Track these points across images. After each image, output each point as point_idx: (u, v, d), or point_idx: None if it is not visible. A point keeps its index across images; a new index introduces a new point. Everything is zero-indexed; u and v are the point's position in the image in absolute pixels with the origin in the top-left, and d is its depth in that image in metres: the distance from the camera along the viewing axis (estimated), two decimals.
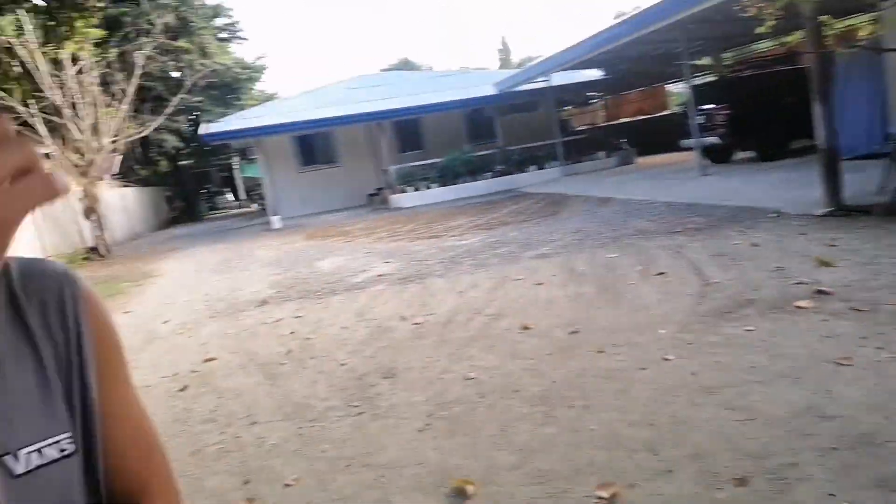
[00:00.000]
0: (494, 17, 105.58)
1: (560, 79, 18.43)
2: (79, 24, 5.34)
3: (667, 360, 3.89)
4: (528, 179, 18.33)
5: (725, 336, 4.16)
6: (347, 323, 6.27)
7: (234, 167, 36.35)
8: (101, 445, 0.75)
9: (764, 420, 2.97)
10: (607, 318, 4.96)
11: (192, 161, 29.52)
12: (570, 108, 24.15)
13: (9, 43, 10.25)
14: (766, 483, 2.47)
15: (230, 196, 41.90)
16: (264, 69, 28.16)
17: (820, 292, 4.70)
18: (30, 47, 11.24)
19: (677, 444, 2.86)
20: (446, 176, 18.32)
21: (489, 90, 19.19)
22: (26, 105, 12.14)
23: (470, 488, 2.70)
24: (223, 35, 24.04)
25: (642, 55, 16.24)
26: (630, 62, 17.42)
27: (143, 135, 14.58)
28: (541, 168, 18.83)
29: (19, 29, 11.55)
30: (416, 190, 18.07)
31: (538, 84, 18.41)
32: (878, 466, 2.48)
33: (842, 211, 7.25)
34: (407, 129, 20.71)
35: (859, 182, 7.78)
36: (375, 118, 18.75)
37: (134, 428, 0.81)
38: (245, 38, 34.04)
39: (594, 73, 19.79)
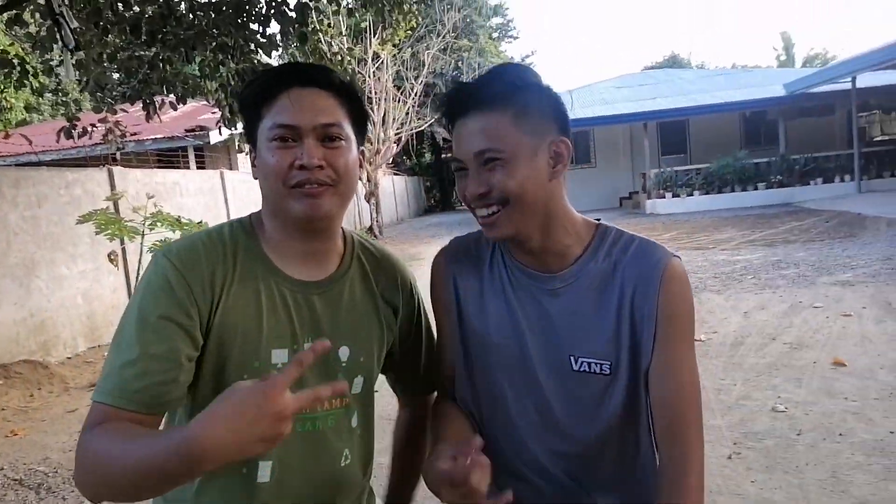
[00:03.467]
0: (770, 11, 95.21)
1: (868, 80, 15.96)
2: (401, 23, 5.95)
3: None
4: (812, 194, 16.24)
5: None
6: None
7: None
8: (651, 390, 1.01)
9: None
10: None
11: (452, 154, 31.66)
12: (875, 113, 20.75)
13: (329, 43, 11.93)
14: None
15: None
16: (532, 66, 28.98)
17: None
18: (343, 46, 12.95)
19: None
20: (712, 183, 17.02)
21: (773, 91, 17.34)
22: None
23: None
24: (495, 34, 25.19)
25: None
26: None
27: (421, 128, 15.94)
28: (828, 181, 16.55)
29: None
30: (676, 196, 17.11)
31: (839, 85, 16.14)
32: None
33: None
34: (671, 130, 19.67)
35: None
36: (639, 119, 18.08)
37: (676, 384, 0.99)
38: (516, 37, 35.19)
39: None
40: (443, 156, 27.31)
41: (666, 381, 0.99)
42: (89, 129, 5.61)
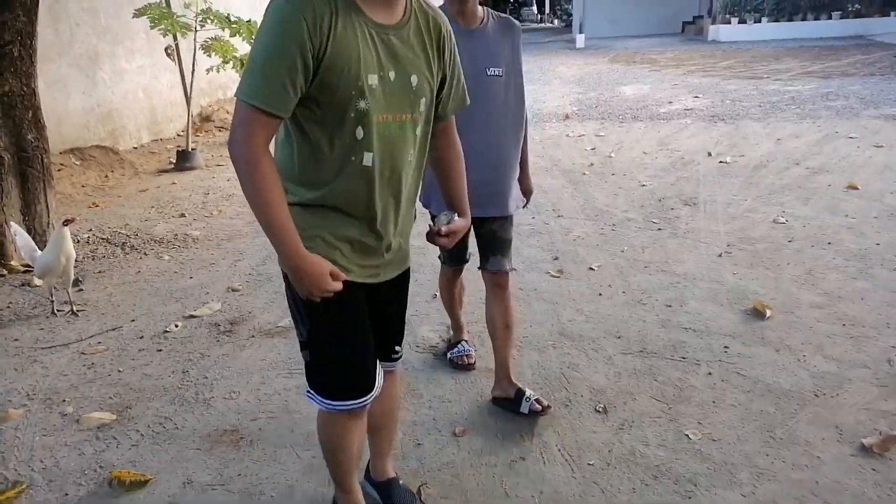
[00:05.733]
0: None
1: None
2: None
3: None
4: (890, 26, 14.98)
5: None
6: (648, 149, 6.35)
7: None
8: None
9: None
10: None
11: None
12: None
13: None
14: None
15: (535, 9, 41.45)
16: None
17: None
18: None
19: None
20: (783, 10, 15.83)
21: None
22: None
23: (768, 312, 2.87)
24: None
25: None
26: None
27: None
28: None
29: None
30: (742, 22, 16.04)
31: None
32: None
33: None
34: None
35: None
36: None
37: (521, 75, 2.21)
38: None
39: None
40: None
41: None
42: None
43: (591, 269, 3.54)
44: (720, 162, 5.63)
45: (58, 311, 3.25)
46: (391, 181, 1.38)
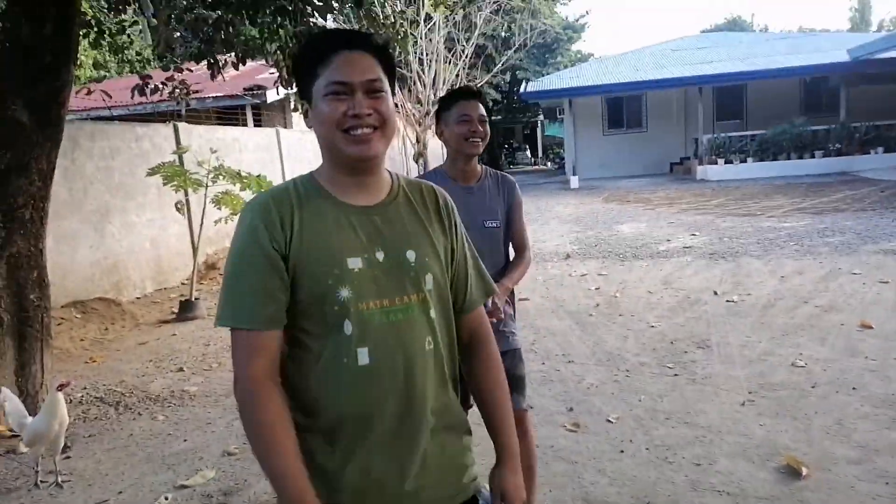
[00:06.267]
0: None
1: None
2: None
3: None
4: (871, 163, 15.69)
5: None
6: (653, 288, 6.33)
7: (537, 126, 37.74)
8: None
9: None
10: None
11: (500, 116, 31.45)
12: None
13: (382, 5, 12.13)
14: None
15: (528, 153, 43.70)
16: (585, 28, 28.30)
17: None
18: (395, 9, 13.12)
19: None
20: (767, 150, 16.59)
21: (837, 56, 16.65)
22: None
23: (804, 470, 2.67)
24: None
25: None
26: None
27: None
28: (889, 151, 15.92)
29: None
30: (728, 163, 16.77)
31: None
32: None
33: None
34: (728, 95, 19.13)
35: None
36: (694, 83, 17.63)
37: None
38: None
39: None
40: (491, 117, 27.31)
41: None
42: (159, 86, 6.03)
43: (609, 421, 3.36)
44: (728, 301, 5.58)
45: (41, 482, 3.03)
46: (403, 383, 1.16)
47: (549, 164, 37.13)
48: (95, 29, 5.70)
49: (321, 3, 4.78)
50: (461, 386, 1.32)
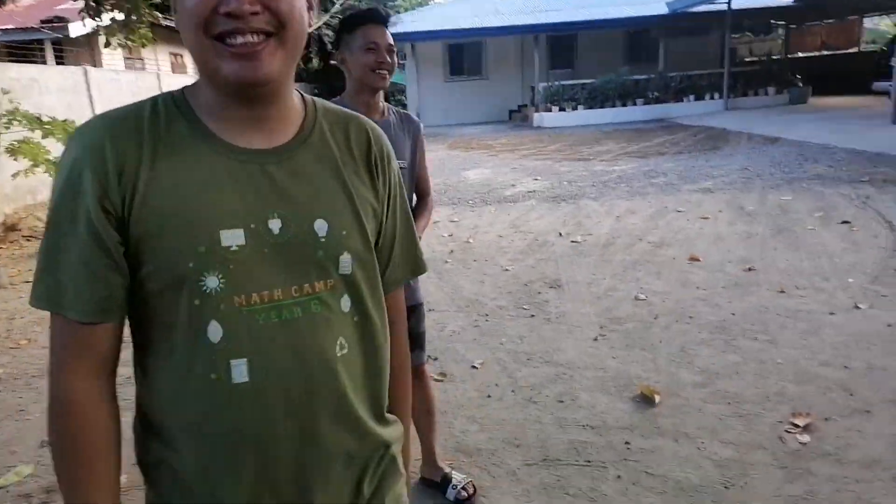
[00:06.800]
0: None
1: (742, 2, 16.81)
2: None
3: (858, 308, 3.74)
4: (685, 110, 17.27)
5: None
6: (504, 232, 6.46)
7: None
8: None
9: None
10: (785, 260, 4.77)
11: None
12: (745, 34, 21.99)
13: None
14: None
15: None
16: None
17: None
18: None
19: (875, 389, 2.81)
20: (595, 98, 17.63)
21: (657, 9, 17.91)
22: None
23: (657, 397, 2.82)
24: None
25: None
26: None
27: (308, 31, 15.18)
28: (700, 99, 17.64)
29: None
30: (562, 110, 17.61)
31: (716, 6, 16.92)
32: None
33: None
34: (560, 45, 19.93)
35: None
36: (531, 31, 18.15)
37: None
38: None
39: None
40: (331, 61, 26.22)
41: None
42: None
43: (475, 367, 3.34)
44: (572, 241, 5.83)
45: None
46: (302, 407, 0.83)
47: None
48: None
49: None
50: None
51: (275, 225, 0.82)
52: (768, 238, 5.41)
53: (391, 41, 1.93)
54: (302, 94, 0.93)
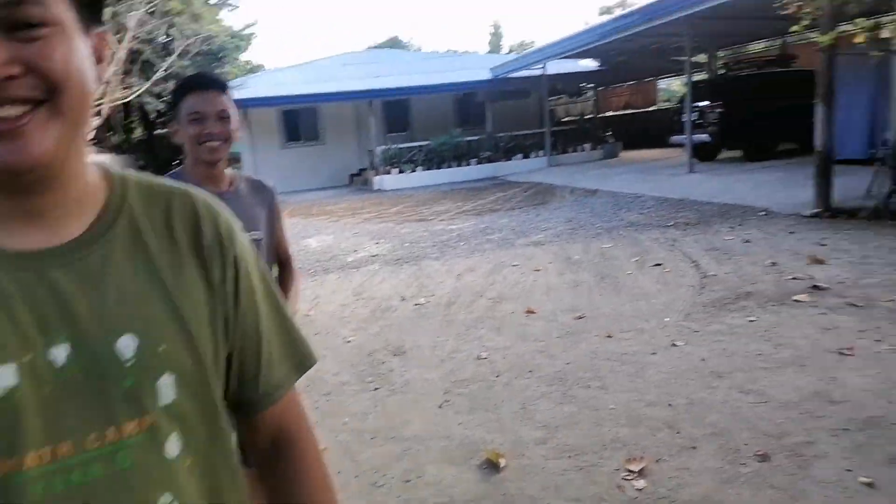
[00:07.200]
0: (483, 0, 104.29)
1: (555, 67, 18.49)
2: None
3: (675, 345, 4.03)
4: (514, 167, 18.42)
5: (729, 325, 4.31)
6: (346, 301, 6.30)
7: None
8: None
9: (776, 403, 3.12)
10: (610, 305, 5.08)
11: (166, 130, 29.07)
12: (561, 97, 24.19)
13: None
14: (786, 459, 2.62)
15: None
16: (252, 38, 27.62)
17: (815, 287, 4.89)
18: None
19: (696, 424, 2.99)
20: (432, 159, 18.29)
21: (482, 74, 19.16)
22: None
23: (502, 461, 2.79)
24: (214, 0, 23.53)
25: (642, 48, 16.36)
26: (628, 54, 17.55)
27: (128, 99, 14.23)
28: (527, 157, 18.93)
29: None
30: (401, 172, 18.02)
31: (533, 71, 18.44)
32: (888, 446, 2.63)
33: (830, 212, 7.49)
34: (395, 109, 20.57)
35: (846, 186, 8.03)
36: (366, 97, 18.57)
37: None
38: (235, 6, 33.25)
39: (589, 64, 19.93)
40: (156, 131, 24.85)
41: None
42: None
43: None
44: (415, 304, 5.81)
45: None
46: None
47: None
48: None
49: None
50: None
51: (59, 353, 0.61)
52: (593, 285, 5.76)
53: (223, 107, 1.75)
54: (107, 170, 0.72)
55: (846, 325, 4.06)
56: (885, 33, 7.22)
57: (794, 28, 6.36)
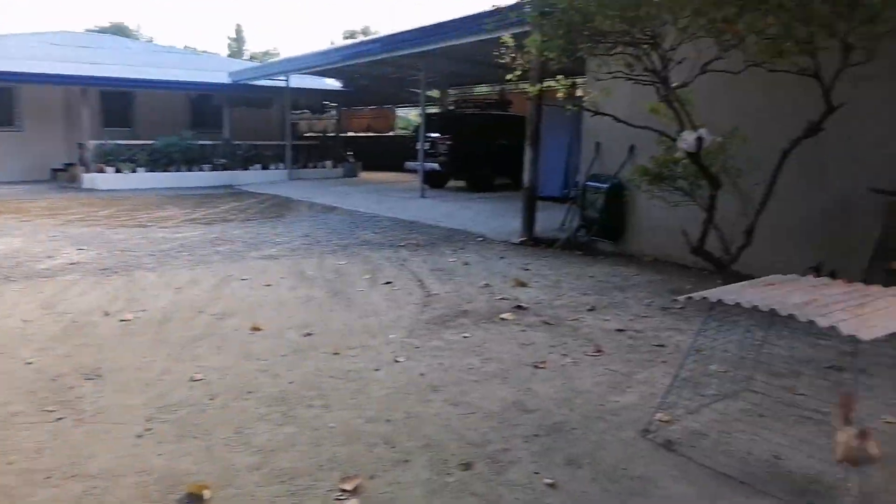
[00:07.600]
0: (227, 2, 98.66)
1: (299, 81, 18.24)
2: None
3: (398, 361, 4.15)
4: (252, 178, 17.67)
5: (446, 341, 4.58)
6: (31, 316, 5.31)
7: None
8: None
9: (482, 413, 3.37)
10: (340, 322, 5.07)
11: None
12: (304, 112, 23.97)
13: None
14: (486, 466, 2.82)
15: None
16: None
17: (519, 307, 5.48)
18: None
19: (411, 437, 3.08)
20: (158, 161, 16.64)
21: (221, 77, 18.06)
22: None
23: (206, 493, 2.53)
24: None
25: (383, 75, 16.99)
26: (370, 79, 18.09)
27: None
28: (265, 168, 18.30)
29: None
30: (118, 171, 16.08)
31: (276, 82, 17.95)
32: (568, 448, 3.01)
33: (533, 241, 8.55)
34: (116, 102, 18.31)
35: (547, 219, 9.25)
36: (78, 82, 16.21)
37: None
38: None
39: (333, 83, 20.07)
40: None
41: None
42: None
43: None
44: (121, 320, 5.12)
45: None
46: None
47: None
48: None
49: None
50: None
51: None
52: (325, 301, 5.71)
53: None
54: None
55: (541, 341, 4.61)
56: (578, 92, 8.55)
57: (509, 77, 7.15)
